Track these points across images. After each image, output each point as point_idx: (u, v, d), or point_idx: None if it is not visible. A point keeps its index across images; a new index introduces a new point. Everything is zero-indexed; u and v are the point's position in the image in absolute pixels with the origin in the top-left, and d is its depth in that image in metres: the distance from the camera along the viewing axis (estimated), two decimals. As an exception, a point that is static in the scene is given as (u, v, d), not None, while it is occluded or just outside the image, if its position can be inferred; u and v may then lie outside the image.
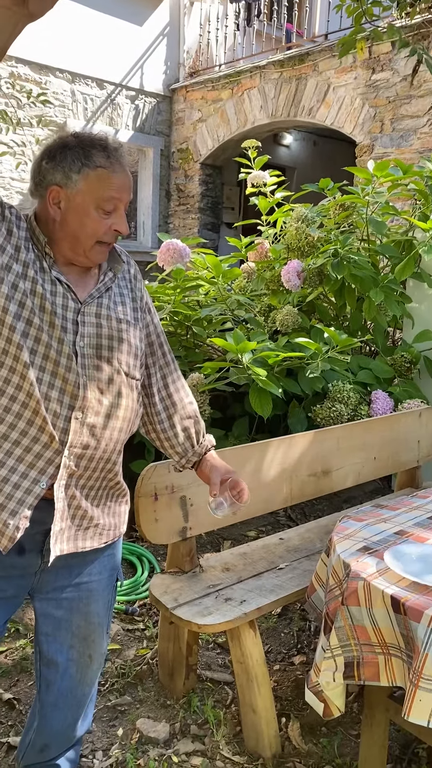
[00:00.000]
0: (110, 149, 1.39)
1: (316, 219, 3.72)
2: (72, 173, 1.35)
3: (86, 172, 1.36)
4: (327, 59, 7.39)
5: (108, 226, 1.40)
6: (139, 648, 2.49)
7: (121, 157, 1.40)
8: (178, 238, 3.67)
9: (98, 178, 1.36)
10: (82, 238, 1.39)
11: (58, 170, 1.36)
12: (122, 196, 1.40)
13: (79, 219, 1.37)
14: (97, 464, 1.43)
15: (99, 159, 1.36)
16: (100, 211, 1.38)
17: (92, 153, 1.36)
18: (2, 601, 1.46)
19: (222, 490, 1.57)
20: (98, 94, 8.52)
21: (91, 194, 1.36)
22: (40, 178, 1.39)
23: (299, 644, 2.56)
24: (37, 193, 1.41)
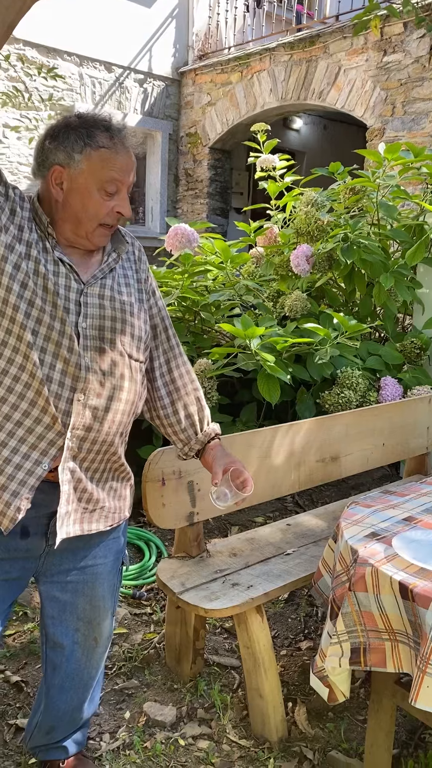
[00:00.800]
0: (113, 130, 1.38)
1: (325, 203, 3.68)
2: (74, 153, 1.34)
3: (89, 152, 1.34)
4: (338, 41, 7.29)
5: (110, 208, 1.39)
6: (146, 632, 2.50)
7: (124, 138, 1.39)
8: (187, 223, 3.65)
9: (101, 158, 1.35)
10: (84, 219, 1.38)
11: (61, 150, 1.35)
12: (125, 178, 1.39)
13: (81, 200, 1.36)
14: (100, 447, 1.43)
15: (102, 139, 1.35)
16: (102, 193, 1.37)
17: (95, 133, 1.35)
18: (7, 583, 1.46)
19: (224, 480, 1.55)
20: (106, 77, 8.46)
21: (94, 175, 1.35)
22: (43, 158, 1.38)
23: (306, 630, 2.56)
24: (39, 173, 1.40)
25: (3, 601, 1.48)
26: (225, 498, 1.54)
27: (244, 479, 1.57)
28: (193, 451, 1.68)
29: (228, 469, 1.57)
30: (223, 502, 1.55)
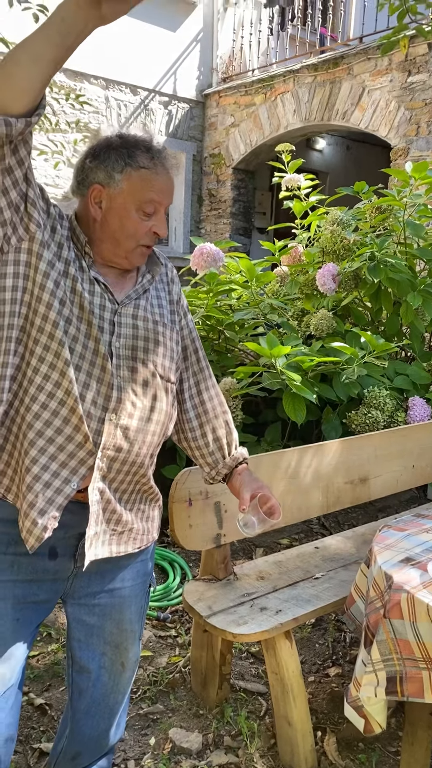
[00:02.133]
0: (154, 151, 1.38)
1: (351, 222, 3.67)
2: (115, 173, 1.35)
3: (129, 172, 1.35)
4: (362, 62, 7.33)
5: (147, 228, 1.39)
6: (171, 655, 2.46)
7: (164, 160, 1.39)
8: (211, 243, 3.65)
9: (141, 178, 1.35)
10: (122, 239, 1.38)
11: (101, 169, 1.35)
12: (163, 199, 1.39)
13: (119, 219, 1.36)
14: (130, 468, 1.41)
15: (142, 160, 1.35)
16: (141, 213, 1.37)
17: (136, 153, 1.35)
18: (34, 606, 1.43)
19: (252, 507, 1.51)
20: (132, 99, 8.58)
21: (133, 195, 1.35)
22: (83, 177, 1.39)
23: (334, 655, 2.50)
24: (78, 192, 1.41)
25: (30, 624, 1.45)
26: (252, 525, 1.50)
27: (271, 506, 1.54)
28: (220, 475, 1.65)
29: (255, 495, 1.54)
30: (250, 529, 1.51)
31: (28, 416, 1.32)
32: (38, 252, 1.30)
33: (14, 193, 1.23)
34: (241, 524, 1.51)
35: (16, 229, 1.27)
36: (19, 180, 1.23)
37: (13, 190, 1.23)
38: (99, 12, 1.07)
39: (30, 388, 1.33)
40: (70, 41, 1.11)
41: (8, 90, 1.11)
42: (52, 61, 1.12)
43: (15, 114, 1.12)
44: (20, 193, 1.25)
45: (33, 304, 1.31)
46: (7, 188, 1.22)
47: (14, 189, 1.23)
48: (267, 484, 1.61)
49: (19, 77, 1.11)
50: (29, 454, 1.32)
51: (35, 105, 1.16)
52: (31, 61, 1.11)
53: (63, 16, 1.09)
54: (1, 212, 1.23)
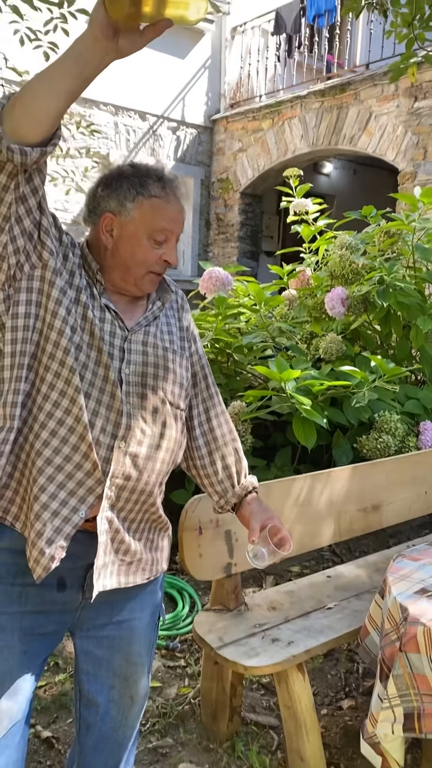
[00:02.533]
0: (166, 180, 1.38)
1: (360, 246, 3.67)
2: (126, 201, 1.35)
3: (141, 201, 1.35)
4: (368, 88, 7.41)
5: (158, 256, 1.39)
6: (180, 686, 2.41)
7: (176, 189, 1.40)
8: (219, 266, 3.66)
9: (152, 207, 1.36)
10: (133, 267, 1.38)
11: (113, 198, 1.36)
12: (174, 228, 1.40)
13: (130, 248, 1.37)
14: (139, 496, 1.39)
15: (154, 189, 1.36)
16: (152, 241, 1.37)
17: (148, 182, 1.36)
18: (42, 638, 1.40)
19: (262, 538, 1.47)
20: (140, 125, 8.69)
21: (144, 224, 1.36)
22: (95, 205, 1.39)
23: (347, 687, 2.45)
24: (90, 220, 1.41)
25: (37, 657, 1.42)
26: (262, 557, 1.47)
27: (282, 537, 1.50)
28: (230, 504, 1.62)
29: (265, 526, 1.50)
30: (260, 561, 1.47)
31: (37, 443, 1.31)
32: (51, 279, 1.30)
33: (28, 221, 1.24)
34: (251, 556, 1.48)
35: (30, 257, 1.28)
36: (32, 208, 1.23)
37: (26, 218, 1.23)
38: (116, 45, 1.08)
39: (39, 415, 1.31)
40: (87, 73, 1.12)
41: (25, 119, 1.12)
42: (68, 92, 1.12)
43: (30, 143, 1.13)
44: (34, 221, 1.26)
45: (45, 331, 1.30)
46: (20, 216, 1.22)
47: (28, 217, 1.24)
48: (278, 512, 1.58)
49: (35, 107, 1.11)
50: (37, 482, 1.30)
51: (50, 134, 1.16)
52: (48, 92, 1.11)
53: (80, 48, 1.10)
54: (15, 240, 1.23)
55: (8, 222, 1.21)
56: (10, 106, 1.12)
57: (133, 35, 1.09)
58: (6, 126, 1.12)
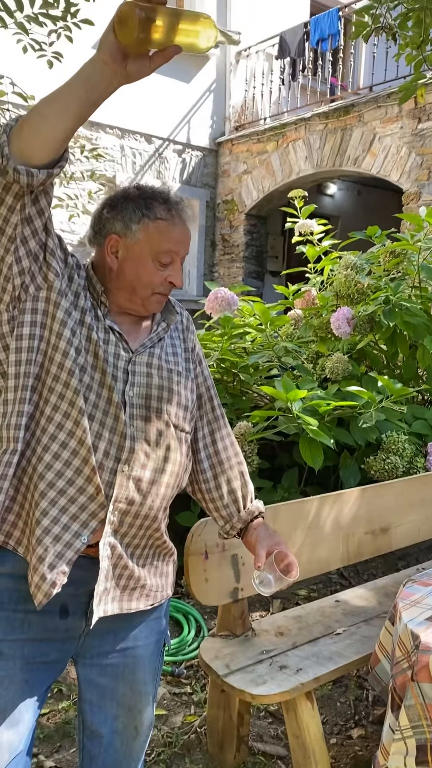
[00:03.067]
0: (171, 202, 1.38)
1: (365, 266, 3.67)
2: (132, 223, 1.35)
3: (146, 223, 1.35)
4: (372, 110, 7.47)
5: (163, 278, 1.39)
6: (186, 714, 2.36)
7: (181, 211, 1.40)
8: (225, 287, 3.66)
9: (157, 229, 1.35)
10: (138, 288, 1.38)
11: (118, 220, 1.36)
12: (180, 250, 1.40)
13: (135, 269, 1.36)
14: (143, 522, 1.36)
15: (160, 211, 1.36)
16: (157, 263, 1.37)
17: (153, 205, 1.36)
18: (44, 666, 1.37)
19: (268, 564, 1.44)
20: (146, 148, 8.77)
21: (150, 245, 1.35)
22: (100, 227, 1.39)
23: (357, 715, 2.39)
24: (95, 242, 1.41)
25: (40, 685, 1.39)
26: (269, 583, 1.43)
27: (288, 563, 1.46)
28: (235, 529, 1.58)
29: (272, 552, 1.47)
30: (266, 587, 1.44)
31: (40, 466, 1.29)
32: (56, 301, 1.29)
33: (33, 243, 1.24)
34: (257, 582, 1.44)
35: (35, 278, 1.27)
36: (38, 230, 1.23)
37: (32, 240, 1.23)
38: (124, 70, 1.08)
39: (43, 437, 1.30)
40: (95, 97, 1.12)
41: (32, 141, 1.12)
42: (76, 115, 1.12)
43: (37, 165, 1.13)
44: (39, 243, 1.25)
45: (49, 353, 1.29)
46: (26, 237, 1.22)
47: (33, 238, 1.23)
48: (285, 535, 1.55)
49: (43, 129, 1.12)
50: (39, 506, 1.28)
51: (57, 157, 1.16)
52: (56, 114, 1.11)
53: (89, 72, 1.10)
54: (20, 261, 1.23)
55: (14, 243, 1.21)
56: (18, 127, 1.13)
57: (141, 60, 1.09)
58: (13, 147, 1.12)
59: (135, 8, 1.00)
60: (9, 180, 1.13)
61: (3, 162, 1.12)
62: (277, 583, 1.41)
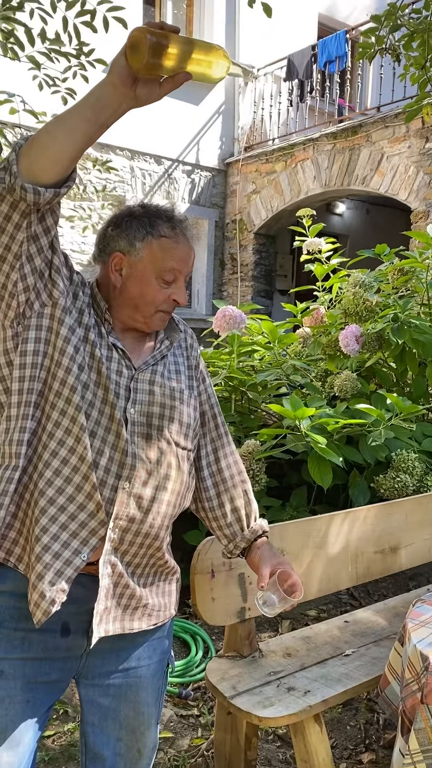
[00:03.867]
0: (175, 220, 1.39)
1: (373, 284, 3.66)
2: (136, 241, 1.36)
3: (150, 241, 1.36)
4: (380, 130, 7.51)
5: (167, 296, 1.39)
6: (193, 737, 2.32)
7: (185, 229, 1.40)
8: (233, 305, 3.66)
9: (161, 247, 1.36)
10: (141, 306, 1.38)
11: (123, 237, 1.37)
12: (183, 268, 1.40)
13: (139, 287, 1.37)
14: (143, 540, 1.35)
15: (164, 229, 1.37)
16: (160, 281, 1.38)
17: (157, 223, 1.37)
18: (45, 686, 1.35)
19: (271, 584, 1.41)
20: (156, 169, 8.86)
21: (153, 263, 1.36)
22: (104, 245, 1.40)
23: (367, 739, 2.34)
24: (100, 259, 1.42)
25: (41, 706, 1.36)
26: (272, 604, 1.40)
27: (292, 583, 1.43)
28: (239, 549, 1.56)
29: (275, 572, 1.44)
30: (270, 608, 1.41)
31: (41, 483, 1.29)
32: (60, 318, 1.30)
33: (39, 260, 1.24)
34: (260, 602, 1.42)
35: (40, 295, 1.28)
36: (44, 247, 1.24)
37: (38, 257, 1.24)
38: (134, 93, 1.10)
39: (44, 453, 1.29)
40: (104, 118, 1.13)
41: (41, 160, 1.13)
42: (84, 136, 1.13)
43: (45, 183, 1.14)
44: (45, 260, 1.26)
45: (53, 369, 1.29)
46: (32, 255, 1.23)
47: (39, 256, 1.24)
48: (293, 555, 1.53)
49: (52, 148, 1.13)
50: (39, 523, 1.27)
51: (65, 176, 1.17)
52: (65, 134, 1.12)
53: (98, 94, 1.11)
54: (25, 278, 1.24)
55: (19, 260, 1.21)
56: (27, 146, 1.14)
57: (151, 85, 1.10)
58: (22, 165, 1.13)
59: (147, 33, 1.02)
60: (16, 197, 1.14)
61: (11, 180, 1.13)
62: (280, 603, 1.39)
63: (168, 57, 1.05)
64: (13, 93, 3.16)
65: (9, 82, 3.68)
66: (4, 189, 1.14)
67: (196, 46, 1.07)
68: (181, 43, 1.05)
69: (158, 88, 1.11)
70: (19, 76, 3.69)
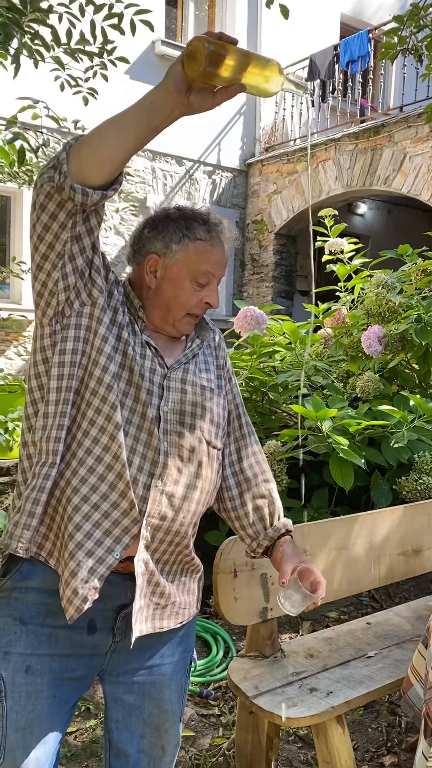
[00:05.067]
0: (211, 224, 1.41)
1: (396, 285, 3.64)
2: (172, 243, 1.37)
3: (186, 244, 1.37)
4: (402, 130, 7.47)
5: (199, 299, 1.41)
6: (214, 736, 2.32)
7: (221, 233, 1.42)
8: (254, 305, 3.66)
9: (197, 250, 1.37)
10: (174, 307, 1.39)
11: (159, 239, 1.38)
12: (217, 271, 1.42)
13: (173, 289, 1.38)
14: (173, 537, 1.36)
15: (200, 232, 1.38)
16: (194, 283, 1.39)
17: (194, 225, 1.38)
18: (71, 682, 1.36)
19: (293, 581, 1.40)
20: (177, 170, 8.88)
21: (188, 266, 1.37)
22: (140, 246, 1.41)
23: (389, 742, 2.33)
24: (134, 260, 1.44)
25: (67, 702, 1.38)
26: (294, 602, 1.39)
27: (315, 580, 1.42)
28: (261, 547, 1.54)
29: (297, 569, 1.43)
30: (291, 606, 1.39)
31: (74, 480, 1.30)
32: (98, 317, 1.31)
33: (80, 260, 1.26)
34: (282, 600, 1.40)
35: (80, 294, 1.30)
36: (86, 247, 1.26)
37: (80, 257, 1.26)
38: (187, 101, 1.11)
39: (78, 451, 1.31)
40: (155, 123, 1.14)
41: (90, 161, 1.15)
42: (135, 139, 1.15)
43: (93, 185, 1.16)
44: (86, 260, 1.28)
45: (89, 368, 1.31)
46: (74, 254, 1.24)
47: (81, 256, 1.26)
48: (315, 556, 1.53)
49: (102, 150, 1.14)
50: (73, 520, 1.29)
51: (113, 179, 1.19)
52: (117, 137, 1.14)
53: (153, 98, 1.13)
54: (66, 277, 1.25)
55: (62, 259, 1.23)
56: (78, 146, 1.16)
57: (205, 94, 1.12)
58: (72, 165, 1.15)
59: (205, 43, 1.03)
60: (64, 197, 1.16)
61: (60, 179, 1.14)
62: (304, 600, 1.38)
63: (224, 67, 1.05)
64: (37, 99, 3.18)
65: (30, 86, 3.70)
66: (52, 188, 1.16)
67: (252, 59, 1.09)
68: (239, 55, 1.06)
69: (211, 98, 1.12)
70: (40, 81, 3.72)
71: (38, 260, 1.25)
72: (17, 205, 7.68)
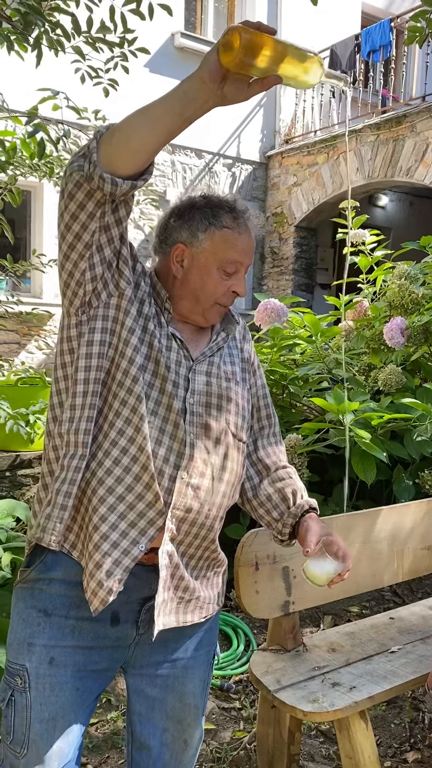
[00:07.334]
0: (238, 211, 1.38)
1: (419, 276, 3.59)
2: (198, 232, 1.35)
3: (212, 232, 1.35)
4: (425, 120, 7.36)
5: (227, 288, 1.38)
6: (235, 730, 2.32)
7: (247, 221, 1.39)
8: (274, 298, 3.64)
9: (224, 238, 1.35)
10: (202, 297, 1.37)
11: (185, 228, 1.36)
12: (245, 259, 1.39)
13: (200, 278, 1.36)
14: (198, 530, 1.34)
15: (226, 220, 1.36)
16: (222, 272, 1.37)
17: (220, 213, 1.36)
18: (94, 674, 1.36)
19: (318, 551, 1.35)
20: (197, 163, 8.86)
21: (215, 255, 1.35)
22: (166, 236, 1.40)
23: (412, 738, 2.30)
24: (161, 250, 1.42)
25: (90, 694, 1.38)
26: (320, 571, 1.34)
27: (339, 549, 1.38)
28: (288, 527, 1.50)
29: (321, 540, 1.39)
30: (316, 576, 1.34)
31: (100, 471, 1.29)
32: (126, 308, 1.30)
33: (108, 250, 1.25)
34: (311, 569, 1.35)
35: (107, 285, 1.29)
36: (114, 238, 1.24)
37: (108, 247, 1.24)
38: (221, 91, 1.08)
39: (104, 442, 1.30)
40: (189, 113, 1.12)
41: (121, 151, 1.13)
42: (168, 128, 1.13)
43: (122, 175, 1.14)
44: (114, 251, 1.27)
45: (116, 359, 1.30)
46: (102, 245, 1.23)
47: (109, 246, 1.24)
48: None
49: (133, 139, 1.12)
50: (98, 512, 1.28)
51: (143, 169, 1.17)
52: (148, 126, 1.12)
53: (186, 88, 1.10)
54: (94, 267, 1.24)
55: (89, 249, 1.22)
56: (108, 135, 1.14)
57: (240, 85, 1.09)
58: (102, 155, 1.13)
59: (242, 32, 1.01)
60: (93, 186, 1.14)
61: (90, 168, 1.13)
62: (331, 570, 1.34)
63: (261, 58, 1.03)
64: (57, 90, 3.17)
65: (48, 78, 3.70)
66: (82, 177, 1.14)
67: (290, 51, 1.05)
68: (276, 45, 1.04)
69: (246, 89, 1.09)
70: (58, 73, 3.72)
71: (65, 250, 1.23)
72: (38, 200, 7.70)
